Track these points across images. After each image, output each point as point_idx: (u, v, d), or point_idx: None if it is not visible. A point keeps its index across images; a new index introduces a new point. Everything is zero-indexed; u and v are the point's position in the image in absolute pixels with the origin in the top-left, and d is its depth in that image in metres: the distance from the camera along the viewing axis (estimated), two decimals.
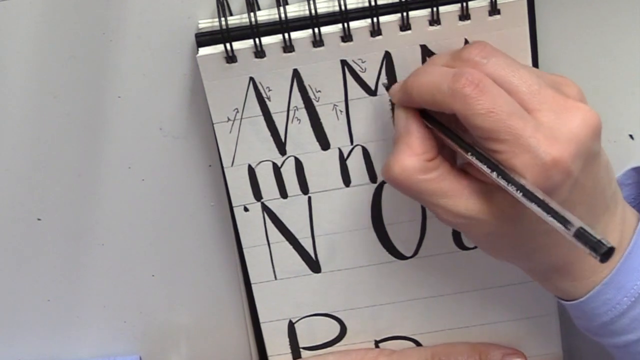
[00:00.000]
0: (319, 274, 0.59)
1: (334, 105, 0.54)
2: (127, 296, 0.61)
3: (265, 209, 0.57)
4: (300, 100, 0.54)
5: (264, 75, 0.53)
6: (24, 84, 0.55)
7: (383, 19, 0.52)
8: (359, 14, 0.52)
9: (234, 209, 0.57)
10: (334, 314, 0.60)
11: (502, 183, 0.47)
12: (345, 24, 0.52)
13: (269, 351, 0.62)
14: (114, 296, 0.61)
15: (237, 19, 0.53)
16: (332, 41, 0.52)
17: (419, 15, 0.52)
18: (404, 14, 0.52)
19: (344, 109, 0.54)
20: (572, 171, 0.47)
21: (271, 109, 0.54)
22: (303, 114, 0.54)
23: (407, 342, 0.61)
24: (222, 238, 0.59)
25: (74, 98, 0.56)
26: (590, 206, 0.50)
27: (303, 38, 0.52)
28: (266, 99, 0.54)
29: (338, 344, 0.62)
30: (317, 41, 0.52)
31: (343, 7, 0.51)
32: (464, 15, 0.52)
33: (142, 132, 0.57)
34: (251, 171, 0.56)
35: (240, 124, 0.54)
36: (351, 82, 0.54)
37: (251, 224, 0.57)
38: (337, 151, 0.56)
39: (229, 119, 0.54)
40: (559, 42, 0.55)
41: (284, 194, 0.57)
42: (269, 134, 0.55)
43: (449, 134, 0.49)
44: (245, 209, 0.57)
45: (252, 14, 0.52)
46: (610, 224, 0.51)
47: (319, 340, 0.61)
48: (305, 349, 0.62)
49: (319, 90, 0.54)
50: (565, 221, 0.44)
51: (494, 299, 0.60)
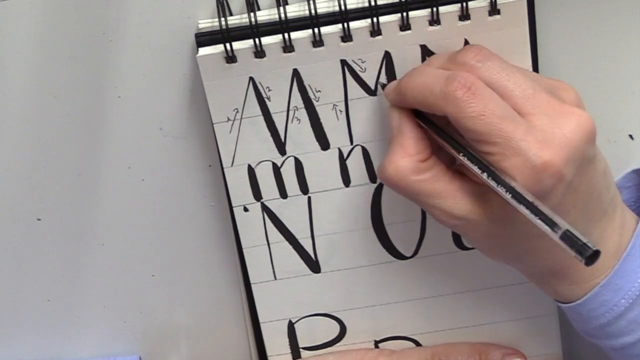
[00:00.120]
0: (319, 274, 0.59)
1: (334, 105, 0.54)
2: (127, 296, 0.61)
3: (265, 209, 0.57)
4: (300, 100, 0.54)
5: (264, 75, 0.53)
6: (24, 84, 0.55)
7: (383, 19, 0.52)
8: (359, 14, 0.52)
9: (234, 209, 0.57)
10: (333, 314, 0.60)
11: (492, 184, 0.47)
12: (345, 24, 0.52)
13: (268, 351, 0.61)
14: (114, 296, 0.61)
15: (237, 19, 0.53)
16: (332, 41, 0.52)
17: (419, 15, 0.52)
18: (404, 14, 0.52)
19: (343, 109, 0.54)
20: (564, 175, 0.47)
21: (271, 109, 0.54)
22: (303, 113, 0.54)
23: (407, 342, 0.61)
24: (222, 238, 0.59)
25: (74, 98, 0.56)
26: (586, 211, 0.49)
27: (303, 38, 0.52)
28: (266, 99, 0.54)
29: (338, 344, 0.62)
30: (317, 41, 0.52)
31: (343, 7, 0.51)
32: (464, 15, 0.52)
33: (142, 132, 0.57)
34: (251, 171, 0.56)
35: (240, 124, 0.54)
36: (351, 82, 0.54)
37: (251, 224, 0.57)
38: (337, 151, 0.56)
39: (228, 119, 0.54)
40: (559, 43, 0.55)
41: (283, 194, 0.57)
42: (269, 134, 0.55)
43: (441, 135, 0.49)
44: (245, 209, 0.57)
45: (252, 14, 0.52)
46: (608, 229, 0.51)
47: (319, 341, 0.61)
48: (305, 349, 0.62)
49: (319, 90, 0.54)
50: (552, 223, 0.45)
51: (494, 299, 0.60)
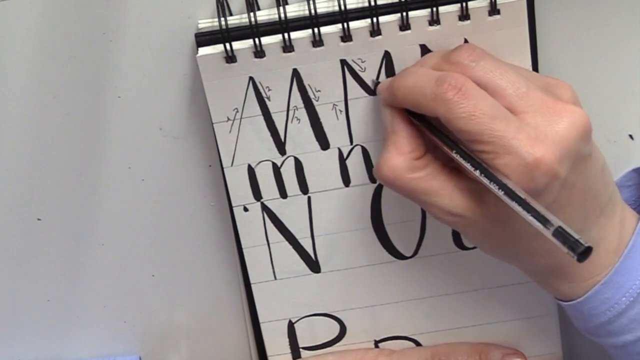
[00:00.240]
0: (319, 274, 0.59)
1: (334, 104, 0.54)
2: (127, 296, 0.61)
3: (265, 209, 0.57)
4: (300, 100, 0.54)
5: (264, 75, 0.53)
6: (24, 84, 0.55)
7: (383, 19, 0.52)
8: (359, 14, 0.52)
9: (234, 209, 0.57)
10: (333, 314, 0.60)
11: (485, 182, 0.47)
12: (345, 24, 0.52)
13: (268, 351, 0.61)
14: (114, 296, 0.61)
15: (237, 19, 0.53)
16: (332, 41, 0.52)
17: (418, 15, 0.52)
18: (404, 14, 0.52)
19: (343, 109, 0.54)
20: (558, 172, 0.47)
21: (271, 109, 0.54)
22: (303, 113, 0.54)
23: (407, 342, 0.61)
24: (222, 238, 0.59)
25: (74, 98, 0.56)
26: (583, 209, 0.49)
27: (303, 38, 0.52)
28: (266, 99, 0.54)
29: (338, 344, 0.61)
30: (317, 41, 0.52)
31: (343, 7, 0.51)
32: (464, 15, 0.52)
33: (142, 132, 0.57)
34: (251, 171, 0.56)
35: (240, 123, 0.54)
36: (351, 82, 0.54)
37: (251, 224, 0.57)
38: (337, 151, 0.56)
39: (228, 118, 0.54)
40: (559, 43, 0.55)
41: (283, 194, 0.57)
42: (269, 133, 0.55)
43: (435, 132, 0.50)
44: (245, 209, 0.57)
45: (252, 14, 0.52)
46: (608, 227, 0.51)
47: (319, 340, 0.61)
48: (305, 349, 0.62)
49: (319, 90, 0.54)
50: (544, 220, 0.45)
51: (494, 299, 0.60)
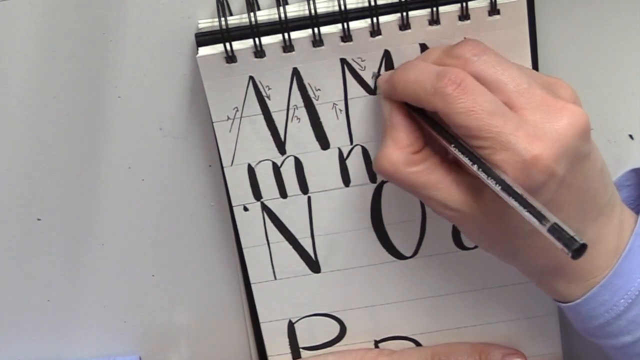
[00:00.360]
0: (319, 274, 0.59)
1: (334, 104, 0.54)
2: (127, 296, 0.61)
3: (265, 208, 0.57)
4: (300, 99, 0.54)
5: (264, 74, 0.53)
6: (24, 84, 0.55)
7: (383, 19, 0.52)
8: (359, 14, 0.52)
9: (234, 208, 0.57)
10: (333, 314, 0.60)
11: (483, 176, 0.47)
12: (345, 24, 0.52)
13: (268, 351, 0.61)
14: (114, 296, 0.61)
15: (237, 19, 0.53)
16: (332, 41, 0.52)
17: (418, 15, 0.52)
18: (404, 13, 0.52)
19: (343, 108, 0.54)
20: (555, 170, 0.47)
21: (271, 108, 0.54)
22: (303, 112, 0.54)
23: (407, 342, 0.61)
24: (222, 238, 0.59)
25: (74, 98, 0.56)
26: (581, 208, 0.49)
27: (303, 38, 0.52)
28: (266, 98, 0.54)
29: (338, 344, 0.61)
30: (317, 41, 0.52)
31: (343, 7, 0.51)
32: (464, 15, 0.52)
33: (142, 132, 0.57)
34: (251, 171, 0.56)
35: (240, 122, 0.54)
36: (351, 81, 0.54)
37: (251, 223, 0.57)
38: (337, 151, 0.56)
39: (228, 117, 0.54)
40: (559, 42, 0.55)
41: (283, 194, 0.57)
42: (269, 133, 0.55)
43: (433, 126, 0.50)
44: (245, 209, 0.57)
45: (252, 14, 0.52)
46: (606, 228, 0.51)
47: (319, 340, 0.61)
48: (305, 349, 0.62)
49: (319, 89, 0.54)
50: (540, 216, 0.45)
51: (494, 299, 0.60)
